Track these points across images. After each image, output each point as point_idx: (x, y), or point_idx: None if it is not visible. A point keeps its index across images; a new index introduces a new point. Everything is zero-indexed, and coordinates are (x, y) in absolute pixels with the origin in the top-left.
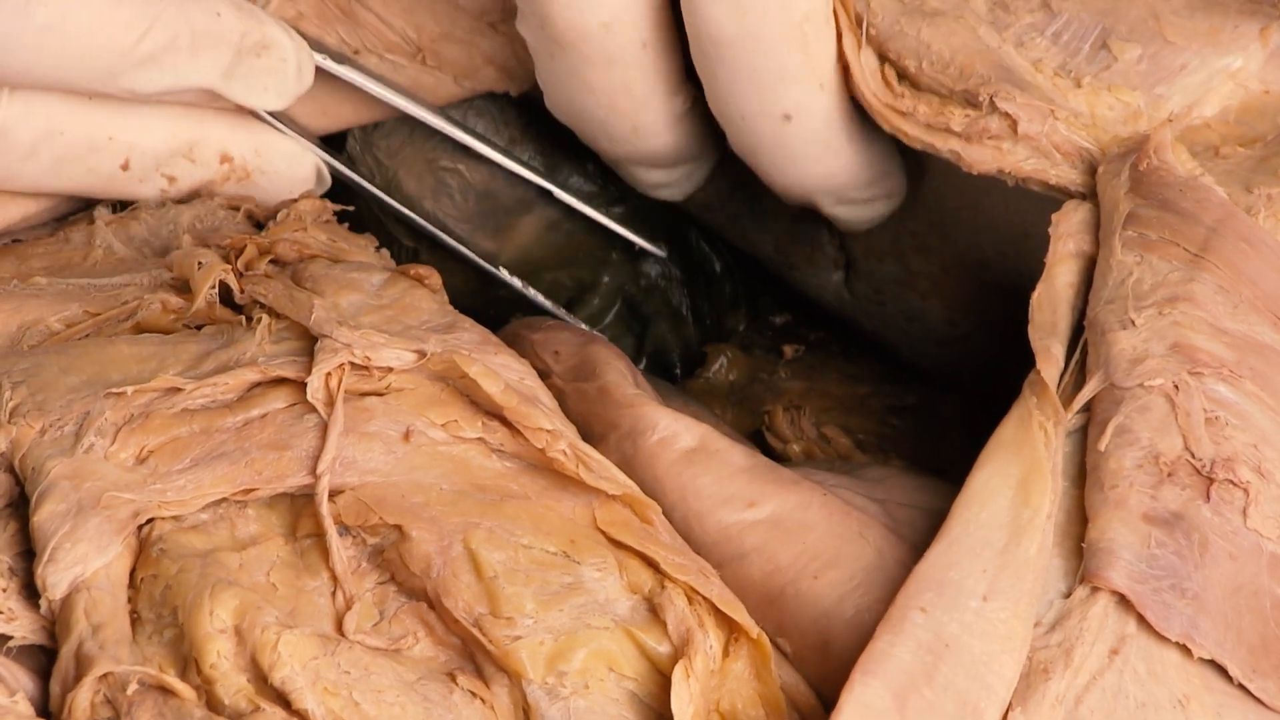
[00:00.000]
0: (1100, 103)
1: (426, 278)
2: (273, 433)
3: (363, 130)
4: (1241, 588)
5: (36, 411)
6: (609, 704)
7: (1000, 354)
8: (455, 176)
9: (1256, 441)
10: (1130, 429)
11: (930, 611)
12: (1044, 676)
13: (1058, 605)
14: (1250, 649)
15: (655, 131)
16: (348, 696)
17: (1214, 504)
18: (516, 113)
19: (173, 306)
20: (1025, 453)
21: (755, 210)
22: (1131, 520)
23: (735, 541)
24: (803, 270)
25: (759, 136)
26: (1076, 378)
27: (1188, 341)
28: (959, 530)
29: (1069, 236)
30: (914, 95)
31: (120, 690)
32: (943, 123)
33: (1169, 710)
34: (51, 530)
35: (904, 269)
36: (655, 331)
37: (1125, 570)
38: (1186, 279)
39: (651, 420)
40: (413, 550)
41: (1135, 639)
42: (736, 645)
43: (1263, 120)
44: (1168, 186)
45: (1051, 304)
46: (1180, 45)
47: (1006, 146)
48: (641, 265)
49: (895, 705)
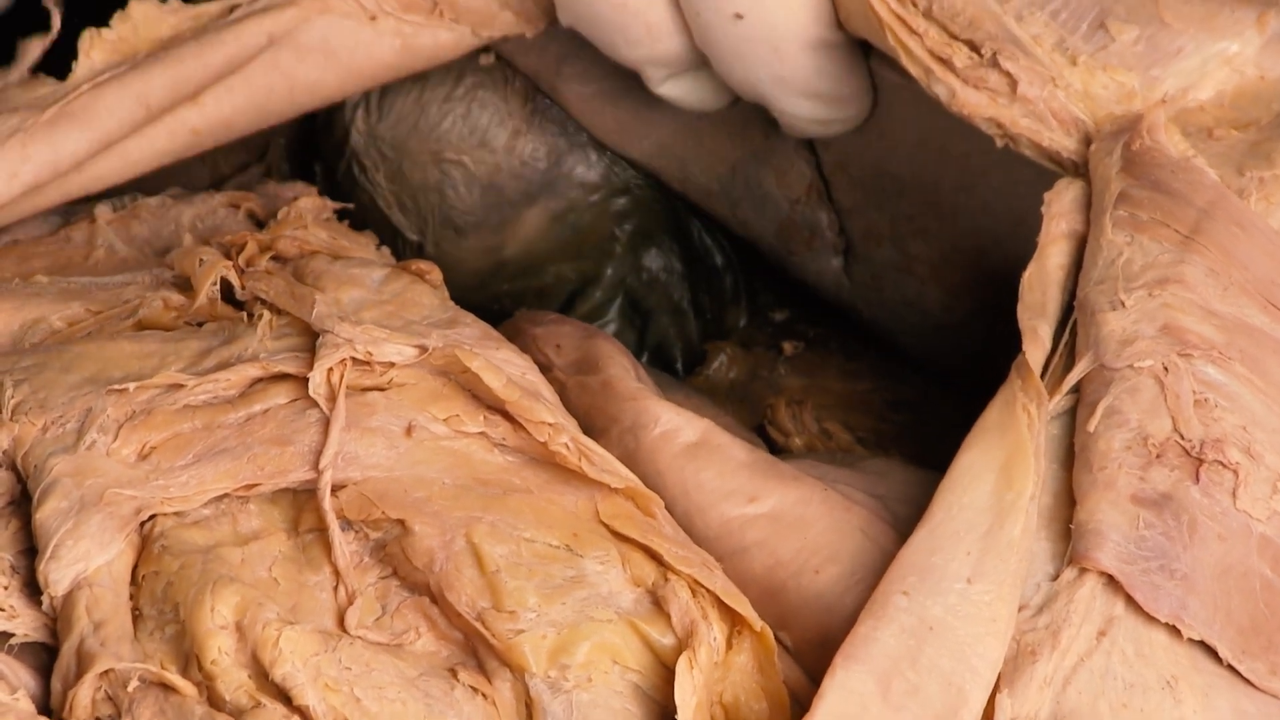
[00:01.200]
0: (1095, 82)
1: (427, 273)
2: (275, 428)
3: (366, 122)
4: (1230, 569)
5: (39, 409)
6: (612, 696)
7: (999, 339)
8: (459, 169)
9: (1246, 423)
10: (1119, 410)
11: (913, 595)
12: (1031, 659)
13: (1045, 588)
14: (1239, 629)
15: (668, 30)
16: (349, 693)
17: (1203, 485)
18: (520, 102)
19: (174, 304)
20: (1009, 435)
21: (755, 195)
22: (1120, 501)
23: (737, 536)
24: (802, 256)
25: (713, 32)
26: (1066, 359)
27: (1177, 323)
28: (942, 514)
29: (1061, 216)
30: (927, 20)
31: (121, 687)
32: (947, 54)
33: (1157, 691)
34: (54, 527)
35: (902, 254)
36: (657, 327)
37: (1114, 551)
38: (1177, 261)
39: (654, 415)
40: (415, 545)
41: (1123, 620)
42: (740, 638)
43: (1257, 105)
44: (1160, 167)
45: (1042, 284)
46: (1177, 28)
47: (1003, 101)
48: (643, 258)
49: (879, 689)
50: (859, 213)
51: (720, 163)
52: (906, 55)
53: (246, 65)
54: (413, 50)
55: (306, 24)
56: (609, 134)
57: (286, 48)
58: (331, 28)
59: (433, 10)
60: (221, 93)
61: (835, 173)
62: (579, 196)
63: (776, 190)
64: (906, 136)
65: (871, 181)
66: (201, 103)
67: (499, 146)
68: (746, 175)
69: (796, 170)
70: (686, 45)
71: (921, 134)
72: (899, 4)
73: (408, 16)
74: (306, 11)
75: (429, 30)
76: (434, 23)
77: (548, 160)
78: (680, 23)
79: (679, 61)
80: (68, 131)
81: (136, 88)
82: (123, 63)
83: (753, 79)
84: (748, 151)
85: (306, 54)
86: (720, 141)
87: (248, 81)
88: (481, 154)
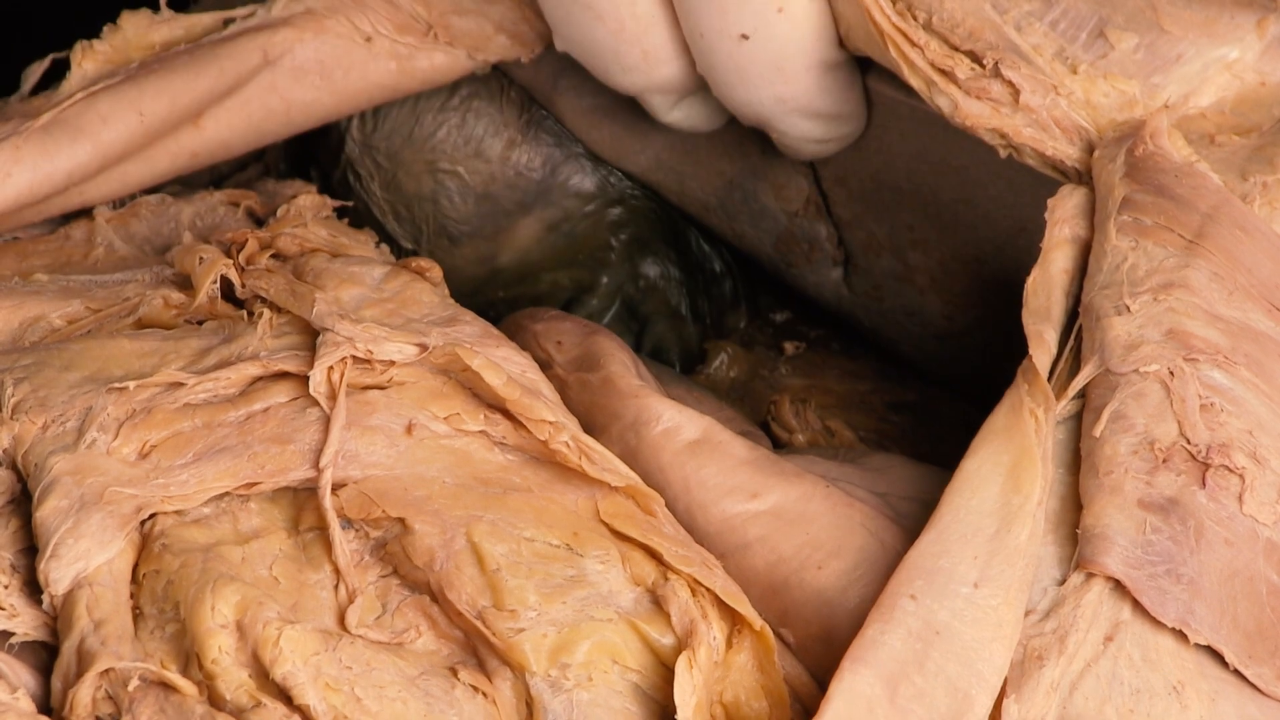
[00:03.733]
0: (1096, 90)
1: (427, 270)
2: (275, 427)
3: (362, 131)
4: (1237, 573)
5: (39, 408)
6: (612, 696)
7: (999, 348)
8: (454, 179)
9: (1252, 427)
10: (1125, 415)
11: (920, 599)
12: (1038, 664)
13: (1052, 592)
14: (1246, 634)
15: (665, 57)
16: (349, 692)
17: (1209, 490)
18: (516, 113)
19: (174, 302)
20: (1016, 439)
21: (753, 209)
22: (1127, 506)
23: (738, 532)
24: (801, 268)
25: (717, 54)
26: (1071, 364)
27: (1183, 328)
28: (949, 518)
29: (1064, 221)
30: (928, 33)
31: (122, 686)
32: (949, 66)
33: (1163, 696)
34: (54, 526)
35: (902, 264)
36: (654, 331)
37: (1120, 556)
38: (1181, 265)
39: (656, 412)
40: (416, 543)
41: (1130, 625)
42: (740, 637)
43: (1258, 111)
44: (1163, 172)
45: (1046, 289)
46: (1177, 35)
47: (1005, 111)
48: (640, 266)
49: (885, 693)
50: (858, 224)
51: (717, 177)
52: (909, 68)
53: (243, 88)
54: (408, 72)
55: (301, 44)
56: (605, 148)
57: (282, 68)
58: (327, 48)
59: (427, 33)
60: (220, 114)
61: (834, 186)
62: (574, 206)
63: (774, 204)
64: (905, 149)
65: (871, 194)
66: (201, 126)
67: (494, 156)
68: (744, 189)
69: (794, 184)
70: (683, 71)
71: (920, 147)
72: (900, 17)
73: (403, 39)
74: (301, 31)
75: (424, 53)
76: (429, 45)
77: (543, 170)
78: (677, 48)
79: (674, 87)
80: (61, 135)
81: (130, 94)
82: (115, 72)
83: (755, 100)
84: (745, 166)
85: (302, 75)
86: (717, 156)
87: (245, 105)
88: (476, 164)
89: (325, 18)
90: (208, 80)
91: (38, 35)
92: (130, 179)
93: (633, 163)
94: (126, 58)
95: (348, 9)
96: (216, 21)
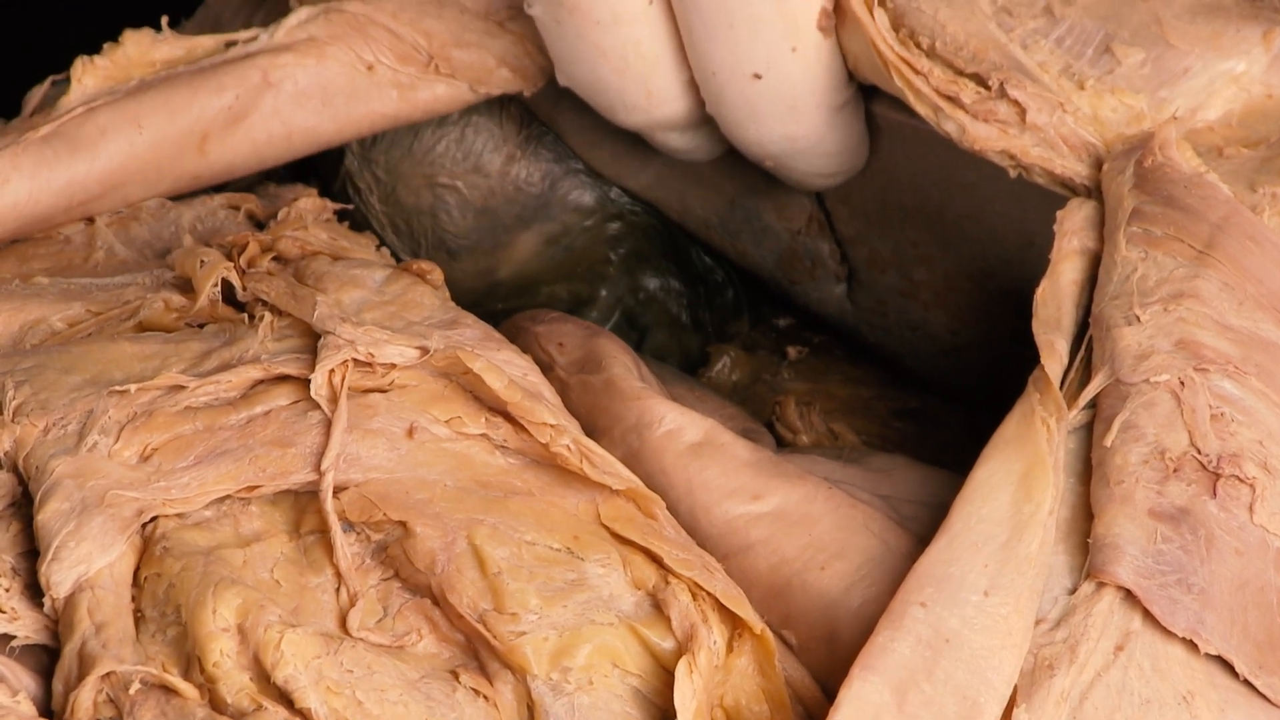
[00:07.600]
0: (1104, 105)
1: (428, 273)
2: (276, 430)
3: (361, 145)
4: (1247, 583)
5: (40, 410)
6: (613, 699)
7: (1003, 362)
8: (453, 193)
9: (1262, 438)
10: (1136, 425)
11: (930, 606)
12: (1049, 673)
13: (1062, 601)
14: (1256, 644)
15: (669, 96)
16: (351, 695)
17: (1220, 500)
18: (515, 128)
19: (175, 305)
20: (1027, 448)
21: (755, 227)
22: (1137, 516)
23: (741, 533)
24: (804, 284)
25: (728, 93)
26: (1082, 374)
27: (1193, 338)
28: (960, 525)
29: (1073, 233)
30: (931, 59)
31: (123, 689)
32: (954, 91)
33: (1173, 707)
34: (55, 529)
35: (906, 280)
36: (654, 341)
37: (1131, 565)
38: (1191, 275)
39: (658, 414)
40: (417, 547)
41: (1140, 635)
42: (740, 641)
43: (1266, 123)
44: (1172, 183)
45: (1056, 300)
46: (1183, 49)
47: (1013, 132)
48: (640, 279)
49: (894, 700)
50: (861, 241)
51: (719, 195)
52: (915, 96)
53: (247, 117)
54: (410, 101)
55: (303, 69)
56: (606, 165)
57: (284, 93)
58: (329, 75)
59: (429, 64)
60: (224, 138)
61: (837, 205)
62: (573, 220)
63: (777, 223)
64: (910, 169)
65: (874, 211)
66: (205, 152)
67: (493, 171)
68: (746, 208)
69: (797, 203)
70: (687, 109)
71: (926, 165)
72: (903, 46)
73: (404, 69)
74: (303, 57)
75: (426, 83)
76: (430, 76)
77: (542, 185)
78: (682, 87)
79: (677, 125)
80: (60, 146)
81: (130, 109)
82: (115, 89)
83: (766, 138)
84: (746, 185)
85: (305, 100)
86: (718, 175)
87: (249, 131)
88: (475, 178)
89: (327, 45)
90: (207, 96)
91: (40, 61)
92: (132, 199)
93: (633, 180)
94: (127, 75)
95: (350, 37)
96: (218, 44)
